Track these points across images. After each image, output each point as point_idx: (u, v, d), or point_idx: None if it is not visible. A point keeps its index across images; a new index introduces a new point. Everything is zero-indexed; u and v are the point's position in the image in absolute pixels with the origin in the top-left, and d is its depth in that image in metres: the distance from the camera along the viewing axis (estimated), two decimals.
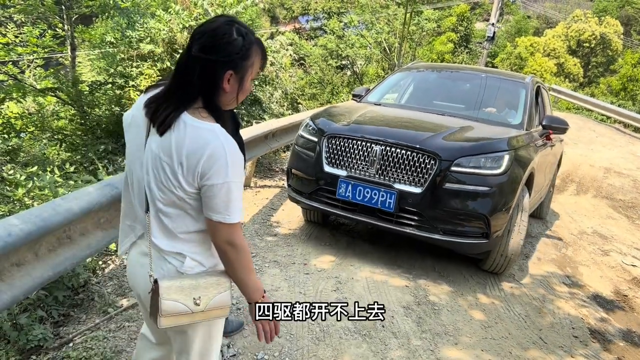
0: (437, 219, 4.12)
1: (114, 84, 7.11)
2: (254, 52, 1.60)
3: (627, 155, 12.89)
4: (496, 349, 3.48)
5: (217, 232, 1.60)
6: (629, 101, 22.32)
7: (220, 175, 1.52)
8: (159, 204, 1.61)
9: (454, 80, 6.15)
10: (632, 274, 5.31)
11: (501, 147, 4.27)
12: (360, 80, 19.23)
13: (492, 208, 4.09)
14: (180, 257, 1.66)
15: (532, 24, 47.16)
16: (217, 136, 1.54)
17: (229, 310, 1.74)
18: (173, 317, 1.60)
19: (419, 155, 4.15)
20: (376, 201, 4.18)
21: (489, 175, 4.13)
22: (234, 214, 1.57)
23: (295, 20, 35.57)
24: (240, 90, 1.62)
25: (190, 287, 1.61)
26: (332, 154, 4.43)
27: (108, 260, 4.14)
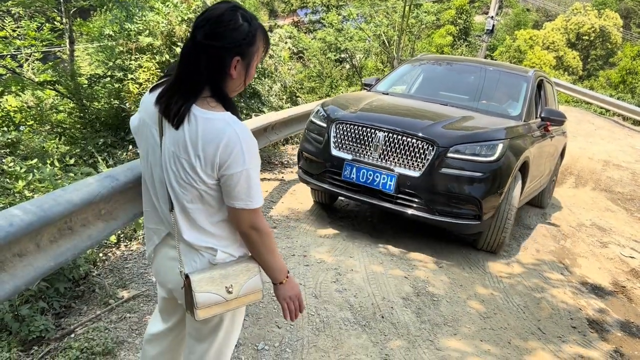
0: (434, 200, 4.40)
1: (112, 77, 7.09)
2: (259, 37, 1.61)
3: (626, 148, 12.90)
4: (495, 339, 3.50)
5: (241, 219, 1.63)
6: (628, 94, 22.31)
7: (238, 163, 1.54)
8: (182, 200, 1.63)
9: (459, 72, 6.36)
10: (630, 266, 5.33)
11: (496, 136, 4.55)
12: (359, 74, 19.18)
13: (484, 192, 4.38)
14: (212, 251, 1.69)
15: (531, 17, 47.06)
16: (230, 125, 1.55)
17: (262, 294, 1.79)
18: (208, 308, 1.64)
19: (418, 142, 4.43)
20: (377, 183, 4.48)
21: (483, 162, 4.41)
22: (255, 199, 1.61)
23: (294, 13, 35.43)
24: (246, 76, 1.64)
25: (220, 277, 1.66)
26: (339, 138, 4.74)
27: (109, 252, 4.16)
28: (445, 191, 4.39)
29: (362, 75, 19.40)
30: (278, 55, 8.19)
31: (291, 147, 8.55)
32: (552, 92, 6.84)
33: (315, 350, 3.08)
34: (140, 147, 1.76)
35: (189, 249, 1.69)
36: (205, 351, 1.85)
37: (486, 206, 4.41)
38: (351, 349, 3.14)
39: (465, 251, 4.97)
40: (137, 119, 1.74)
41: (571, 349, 3.56)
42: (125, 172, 2.67)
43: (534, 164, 5.26)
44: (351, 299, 3.74)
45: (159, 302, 2.04)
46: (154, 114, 1.63)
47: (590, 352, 3.57)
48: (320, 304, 3.61)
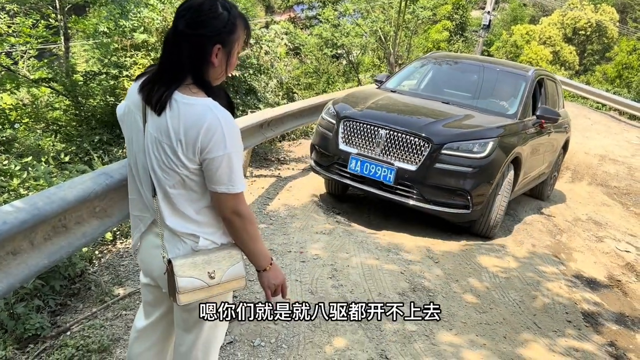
0: (428, 192, 4.84)
1: (108, 74, 7.07)
2: (239, 26, 1.63)
3: (622, 142, 12.93)
4: (490, 334, 3.52)
5: (223, 204, 1.65)
6: (624, 89, 22.36)
7: (219, 147, 1.56)
8: (165, 186, 1.65)
9: (464, 71, 6.70)
10: (625, 260, 5.35)
11: (488, 135, 4.95)
12: (356, 70, 19.16)
13: (473, 185, 4.83)
14: (194, 238, 1.70)
15: (527, 12, 46.99)
16: (211, 109, 1.57)
17: (245, 281, 1.80)
18: (191, 293, 1.65)
19: (415, 139, 4.85)
20: (379, 175, 4.93)
21: (474, 158, 4.83)
22: (237, 183, 1.63)
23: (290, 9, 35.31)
24: (228, 64, 1.66)
25: (203, 263, 1.67)
26: (347, 134, 5.19)
27: (104, 249, 4.16)
28: (438, 183, 4.82)
29: (359, 71, 19.37)
30: (274, 52, 8.16)
31: (287, 144, 8.55)
32: (554, 90, 7.04)
33: (311, 346, 3.09)
34: (125, 134, 1.79)
35: (172, 235, 1.70)
36: (193, 342, 1.86)
37: (475, 197, 4.85)
38: (347, 344, 3.14)
39: (461, 246, 4.99)
40: (123, 107, 1.77)
41: (566, 342, 3.58)
42: (120, 169, 2.67)
43: (527, 159, 5.59)
44: (347, 294, 3.74)
45: (143, 294, 2.03)
46: (138, 102, 1.67)
47: (585, 345, 3.59)
48: (317, 299, 3.61)
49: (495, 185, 4.98)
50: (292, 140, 8.83)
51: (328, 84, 18.34)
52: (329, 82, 18.64)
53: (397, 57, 16.11)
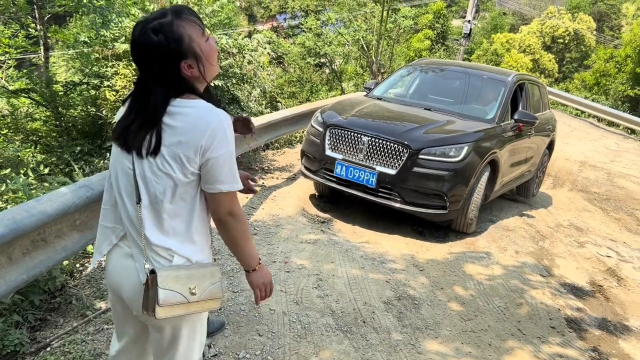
0: (408, 194, 5.10)
1: (88, 84, 6.99)
2: (180, 29, 1.57)
3: (601, 148, 13.14)
4: (476, 341, 3.52)
5: (221, 204, 1.66)
6: (602, 95, 22.75)
7: (223, 145, 1.59)
8: (155, 191, 1.61)
9: (447, 78, 6.95)
10: (606, 265, 5.42)
11: (463, 140, 5.21)
12: (339, 78, 19.24)
13: (450, 187, 5.09)
14: (170, 253, 1.66)
15: (507, 21, 47.75)
16: (212, 110, 1.60)
17: (220, 303, 1.77)
18: (170, 308, 1.61)
19: (395, 145, 5.12)
20: (362, 179, 5.20)
21: (450, 162, 5.10)
22: (238, 181, 1.66)
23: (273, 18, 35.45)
24: (203, 64, 1.63)
25: (185, 277, 1.64)
26: (332, 141, 5.49)
27: (86, 262, 4.09)
28: (417, 186, 5.08)
29: (342, 79, 19.45)
30: (257, 61, 8.14)
31: (271, 153, 8.52)
32: (537, 93, 7.31)
33: (297, 358, 3.06)
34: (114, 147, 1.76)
35: (149, 247, 1.65)
36: None
37: (452, 199, 5.12)
38: (333, 355, 3.13)
39: (445, 253, 5.00)
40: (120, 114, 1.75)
41: (550, 349, 3.60)
42: (101, 181, 2.64)
43: (505, 161, 5.91)
44: (333, 304, 3.73)
45: (113, 313, 1.95)
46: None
47: (568, 351, 3.61)
48: (302, 310, 3.59)
49: (471, 186, 5.25)
50: (276, 149, 8.81)
51: (311, 92, 18.39)
52: (312, 90, 18.69)
53: (380, 65, 16.22)
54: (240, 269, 4.12)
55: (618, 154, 13.02)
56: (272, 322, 3.40)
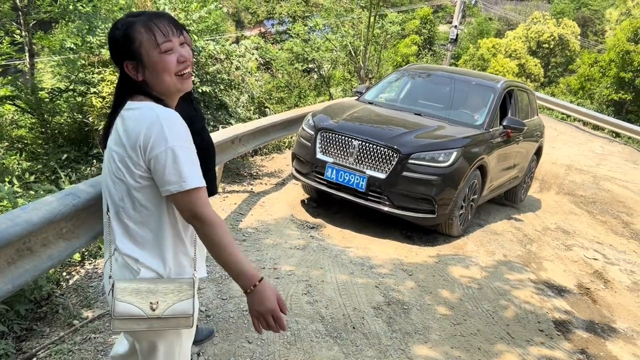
0: (397, 198, 5.15)
1: (75, 90, 6.94)
2: (136, 32, 1.56)
3: (587, 152, 13.29)
4: (465, 345, 3.53)
5: (180, 206, 1.54)
6: (587, 100, 23.02)
7: (161, 143, 1.49)
8: (115, 198, 1.61)
9: (437, 83, 7.00)
10: (593, 267, 5.47)
11: (452, 145, 5.28)
12: (327, 84, 19.27)
13: (438, 192, 5.14)
14: (137, 264, 1.61)
15: (493, 26, 48.17)
16: (152, 109, 1.55)
17: (192, 321, 1.62)
18: (127, 321, 1.54)
19: (385, 149, 5.16)
20: (352, 182, 5.25)
21: (439, 167, 5.15)
22: (189, 178, 1.50)
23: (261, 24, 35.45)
24: (148, 72, 1.59)
25: (147, 291, 1.56)
26: (323, 144, 5.53)
27: (72, 271, 4.04)
28: (406, 190, 5.13)
29: (330, 85, 19.48)
30: (245, 67, 8.13)
31: (260, 159, 8.51)
32: (526, 100, 7.39)
33: None
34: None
35: (121, 258, 1.63)
36: None
37: (440, 203, 5.17)
38: None
39: (433, 258, 5.02)
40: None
41: (539, 351, 3.62)
42: (87, 189, 2.60)
43: (494, 166, 5.98)
44: (322, 310, 3.72)
45: None
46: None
47: (556, 353, 3.64)
48: (292, 316, 3.58)
49: (459, 191, 5.30)
50: (264, 155, 8.80)
51: (300, 98, 18.39)
52: (300, 96, 18.68)
53: (368, 71, 16.27)
54: (229, 276, 4.09)
55: (603, 157, 13.17)
56: None
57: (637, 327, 4.35)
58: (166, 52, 1.57)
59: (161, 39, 1.56)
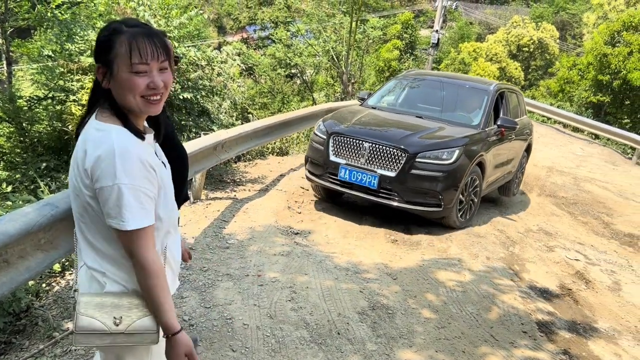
0: (406, 194, 5.60)
1: (54, 98, 6.85)
2: (118, 43, 1.51)
3: (567, 154, 13.47)
4: (449, 348, 3.54)
5: (121, 241, 1.52)
6: (567, 102, 23.35)
7: (108, 177, 1.45)
8: (75, 212, 1.60)
9: (434, 87, 7.43)
10: (575, 268, 5.53)
11: (454, 144, 5.75)
12: (310, 89, 19.32)
13: (444, 187, 5.61)
14: (104, 278, 1.58)
15: (474, 30, 48.74)
16: (108, 135, 1.49)
17: (157, 338, 1.59)
18: (89, 335, 1.51)
19: (394, 150, 5.61)
20: (365, 181, 5.69)
21: (443, 164, 5.61)
22: (128, 220, 1.47)
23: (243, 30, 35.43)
24: (117, 85, 1.52)
25: (111, 306, 1.53)
26: (336, 147, 5.96)
27: (52, 282, 3.98)
28: (415, 187, 5.57)
29: (314, 90, 19.52)
30: (227, 73, 8.11)
31: (243, 165, 8.48)
32: (515, 100, 7.86)
33: None
34: None
35: (88, 272, 1.60)
36: None
37: (446, 197, 5.63)
38: None
39: (418, 262, 5.03)
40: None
41: (522, 353, 3.65)
42: (65, 198, 2.57)
43: (490, 162, 6.44)
44: (307, 317, 3.71)
45: None
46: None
47: (540, 355, 3.66)
48: (276, 324, 3.56)
49: (462, 186, 5.75)
50: (247, 161, 8.77)
51: (283, 103, 18.39)
52: (283, 101, 18.70)
53: (350, 76, 16.34)
54: (212, 284, 4.07)
55: (583, 158, 13.37)
56: (246, 337, 3.36)
57: (618, 326, 4.40)
58: (137, 73, 1.51)
59: (136, 60, 1.50)
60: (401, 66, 24.18)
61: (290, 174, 7.89)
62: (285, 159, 9.18)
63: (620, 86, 21.21)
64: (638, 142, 14.51)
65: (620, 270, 5.74)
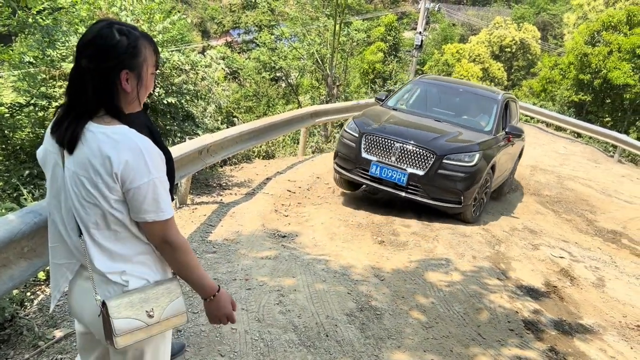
0: (432, 191, 6.20)
1: (36, 105, 6.77)
2: (142, 46, 1.61)
3: (551, 153, 13.63)
4: (438, 348, 3.56)
5: (153, 233, 1.62)
6: (549, 102, 23.62)
7: (143, 174, 1.54)
8: (88, 223, 1.58)
9: (448, 93, 8.17)
10: (560, 266, 5.59)
11: (475, 149, 6.39)
12: (296, 92, 19.32)
13: (465, 186, 6.21)
14: (125, 276, 1.63)
15: (457, 32, 49.12)
16: (128, 137, 1.54)
17: (186, 317, 1.75)
18: (129, 335, 1.58)
19: (423, 151, 6.19)
20: (394, 178, 6.25)
21: (466, 166, 6.22)
22: (166, 209, 1.59)
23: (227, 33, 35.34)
24: (140, 87, 1.64)
25: (140, 301, 1.60)
26: (368, 145, 6.48)
27: (37, 290, 3.93)
28: (440, 185, 6.17)
29: (299, 93, 19.53)
30: (211, 77, 8.09)
31: (229, 169, 8.45)
32: (515, 108, 8.56)
33: None
34: (47, 177, 1.72)
35: (102, 277, 1.63)
36: None
37: (466, 196, 6.24)
38: None
39: (406, 262, 5.06)
40: (43, 150, 1.71)
41: (510, 351, 3.68)
42: None
43: (499, 165, 7.08)
44: (295, 319, 3.70)
45: (78, 341, 1.93)
46: (54, 142, 1.63)
47: (527, 352, 3.70)
48: (264, 327, 3.55)
49: (480, 185, 6.37)
50: (233, 165, 8.75)
51: (268, 106, 18.40)
52: (269, 104, 18.70)
53: (335, 78, 16.37)
54: None
55: (566, 157, 13.53)
56: (234, 342, 3.35)
57: (603, 322, 4.46)
58: (152, 74, 1.69)
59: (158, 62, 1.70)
60: (385, 68, 24.29)
61: (276, 177, 7.88)
62: (272, 162, 9.17)
63: (600, 85, 21.52)
64: (619, 140, 14.72)
65: (604, 266, 5.82)
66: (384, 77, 23.39)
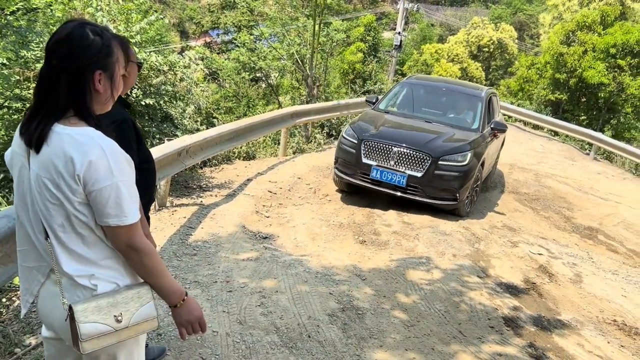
0: (430, 190, 6.57)
1: (10, 107, 6.64)
2: (115, 47, 1.62)
3: (528, 151, 13.80)
4: (419, 346, 3.58)
5: (116, 237, 1.57)
6: (527, 101, 23.92)
7: (106, 177, 1.50)
8: (54, 225, 1.55)
9: (433, 93, 8.57)
10: (538, 262, 5.67)
11: (467, 148, 6.78)
12: (276, 92, 19.26)
13: (460, 184, 6.61)
14: (94, 280, 1.59)
15: (435, 32, 49.49)
16: (93, 139, 1.52)
17: (157, 322, 1.69)
18: (96, 340, 1.54)
19: (420, 153, 6.56)
20: (394, 180, 6.59)
21: (460, 165, 6.61)
22: (130, 214, 1.55)
23: (206, 34, 35.09)
24: (113, 88, 1.63)
25: (108, 305, 1.56)
26: (367, 151, 6.80)
27: (13, 296, 3.85)
28: (437, 185, 6.55)
29: (279, 93, 19.47)
30: (190, 78, 8.01)
31: (209, 170, 8.39)
32: (497, 102, 9.03)
33: None
34: (14, 179, 1.68)
35: (70, 281, 1.59)
36: None
37: (461, 193, 6.64)
38: None
39: (387, 261, 5.08)
40: (10, 152, 1.66)
41: (490, 348, 3.72)
42: None
43: (487, 159, 7.50)
44: (277, 321, 3.69)
45: (45, 348, 1.86)
46: (21, 144, 1.59)
47: (507, 349, 3.74)
48: (246, 329, 3.54)
49: (472, 182, 6.76)
50: (213, 166, 8.68)
51: (248, 107, 18.29)
52: (249, 105, 18.59)
53: (315, 79, 16.37)
54: None
55: (544, 155, 13.72)
56: (216, 345, 3.32)
57: (581, 317, 4.54)
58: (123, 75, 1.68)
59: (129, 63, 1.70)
60: (365, 69, 24.36)
61: (257, 178, 7.85)
62: (252, 163, 9.13)
63: (576, 84, 21.87)
64: (595, 138, 14.97)
65: (581, 262, 5.92)
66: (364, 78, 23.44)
